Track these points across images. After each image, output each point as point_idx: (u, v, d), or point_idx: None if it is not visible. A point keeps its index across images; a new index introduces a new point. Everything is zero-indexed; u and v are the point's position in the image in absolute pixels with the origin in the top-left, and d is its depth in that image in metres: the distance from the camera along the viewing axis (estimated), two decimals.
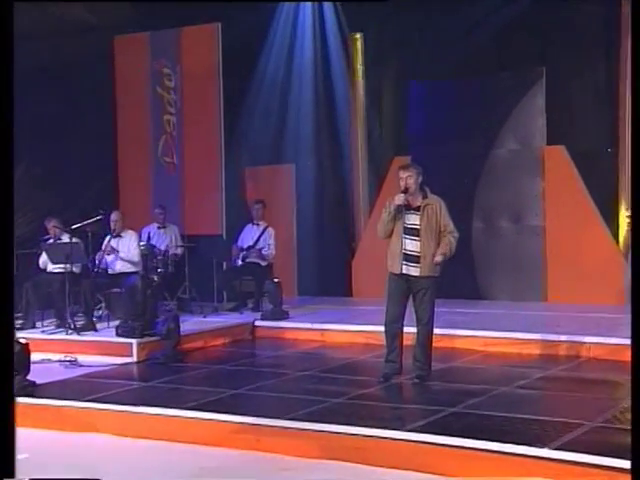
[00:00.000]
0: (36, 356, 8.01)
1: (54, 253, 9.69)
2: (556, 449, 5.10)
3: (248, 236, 11.34)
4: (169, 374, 7.99)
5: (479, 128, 11.57)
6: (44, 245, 9.94)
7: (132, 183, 12.96)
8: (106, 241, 10.13)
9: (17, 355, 6.69)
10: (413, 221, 7.10)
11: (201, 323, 10.17)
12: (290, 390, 7.22)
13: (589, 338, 8.34)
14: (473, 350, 8.67)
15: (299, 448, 5.82)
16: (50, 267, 9.96)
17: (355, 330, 9.58)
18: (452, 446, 5.37)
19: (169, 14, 12.21)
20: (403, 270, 7.09)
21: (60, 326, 9.57)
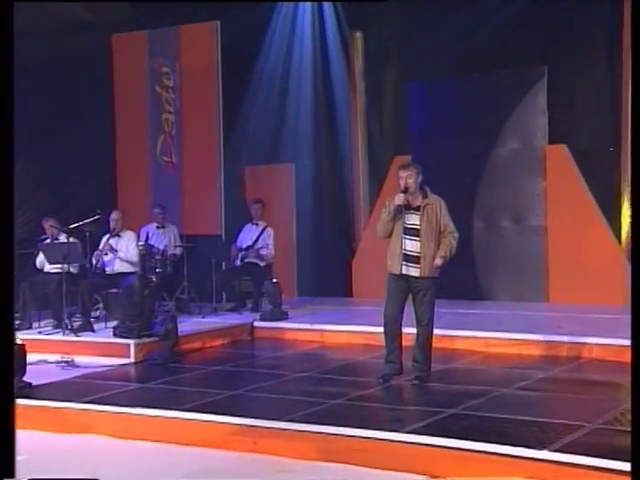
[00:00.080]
0: (33, 357, 8.02)
1: (51, 253, 9.66)
2: (556, 451, 5.08)
3: (247, 236, 11.31)
4: (167, 375, 7.95)
5: (480, 127, 11.50)
6: (41, 245, 9.92)
7: (130, 182, 12.94)
8: (105, 240, 10.11)
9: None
10: (413, 221, 7.05)
11: (199, 324, 10.13)
12: (289, 391, 7.18)
13: (590, 339, 8.30)
14: (473, 351, 8.63)
15: (297, 450, 5.78)
16: (47, 267, 9.94)
17: (355, 331, 9.55)
18: (451, 448, 5.33)
19: (168, 13, 12.20)
20: (403, 270, 7.04)
21: (57, 327, 9.52)
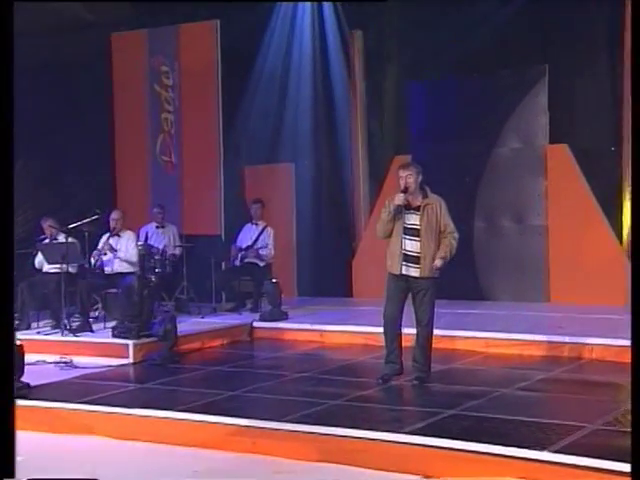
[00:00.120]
0: (31, 357, 8.00)
1: (50, 253, 9.63)
2: (556, 452, 5.05)
3: (247, 236, 11.27)
4: (166, 376, 7.92)
5: (481, 127, 11.46)
6: (40, 245, 9.88)
7: (130, 182, 12.89)
8: (104, 239, 10.07)
9: None
10: (413, 221, 7.01)
11: (199, 324, 10.10)
12: (288, 392, 7.14)
13: (591, 339, 8.26)
14: (474, 351, 8.60)
15: (295, 451, 5.75)
16: (46, 267, 9.90)
17: (354, 331, 9.52)
18: (450, 449, 5.30)
19: (168, 12, 12.17)
20: (403, 271, 7.00)
21: (56, 327, 9.48)
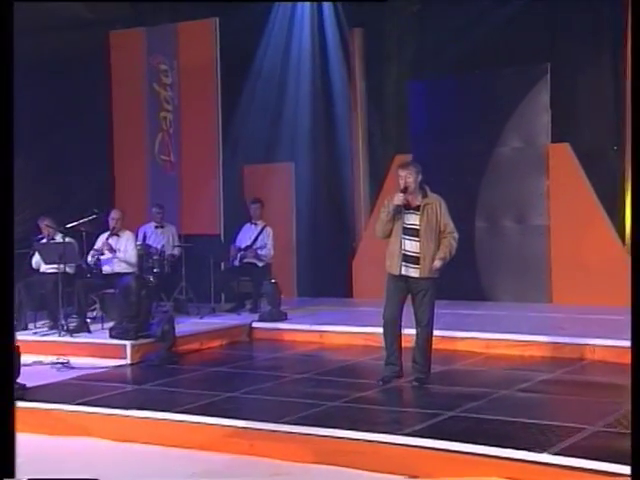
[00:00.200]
0: (28, 358, 7.99)
1: (47, 253, 9.58)
2: (556, 454, 5.00)
3: (246, 236, 11.23)
4: (163, 377, 7.87)
5: (482, 126, 11.40)
6: (37, 245, 9.83)
7: (128, 182, 12.84)
8: (104, 239, 10.00)
9: None
10: (413, 221, 6.96)
11: (197, 324, 10.05)
12: (286, 393, 7.09)
13: (593, 340, 8.19)
14: (474, 352, 8.54)
15: (293, 452, 5.71)
16: (43, 267, 9.84)
17: (354, 332, 9.47)
18: (449, 451, 5.26)
19: (167, 11, 12.12)
20: (402, 271, 6.96)
21: (53, 327, 9.44)
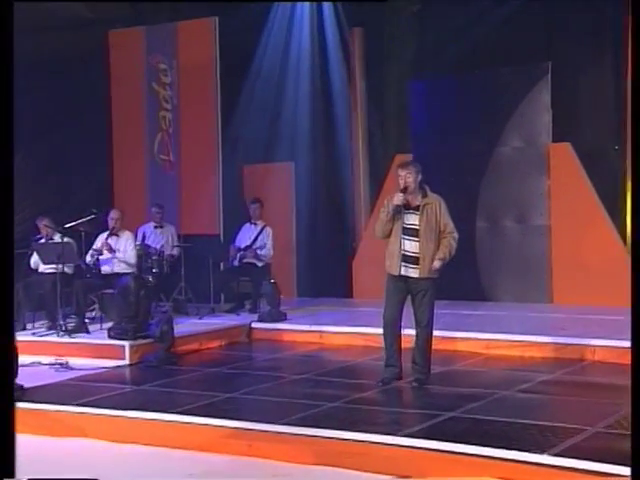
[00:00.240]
0: (26, 359, 7.97)
1: (45, 253, 9.55)
2: (555, 455, 4.97)
3: (245, 236, 11.19)
4: (162, 377, 7.84)
5: (483, 125, 11.35)
6: (35, 245, 9.78)
7: (127, 181, 12.80)
8: (103, 240, 9.97)
9: None
10: (412, 221, 6.93)
11: (197, 325, 10.01)
12: (285, 394, 7.06)
13: (594, 341, 8.15)
14: (475, 353, 8.50)
15: (292, 453, 5.69)
16: (42, 267, 9.81)
17: (354, 332, 9.43)
18: (449, 452, 5.23)
19: (166, 10, 12.09)
20: (402, 271, 6.93)
21: (51, 328, 9.39)
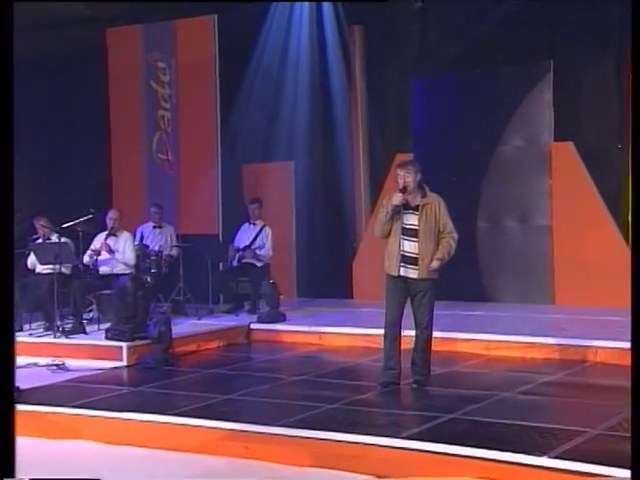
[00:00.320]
0: (23, 360, 7.92)
1: (42, 253, 9.51)
2: (555, 458, 4.92)
3: (244, 236, 11.13)
4: (160, 379, 7.81)
5: (484, 124, 11.26)
6: (32, 245, 9.75)
7: (126, 181, 12.76)
8: (102, 240, 9.91)
9: None
10: (411, 221, 6.88)
11: (195, 326, 9.96)
12: (284, 395, 7.02)
13: (596, 342, 8.09)
14: (475, 354, 8.45)
15: (289, 456, 5.64)
16: (39, 268, 9.77)
17: (354, 333, 9.38)
18: (448, 454, 5.18)
19: (165, 8, 12.04)
20: (401, 272, 6.88)
21: (48, 329, 9.35)
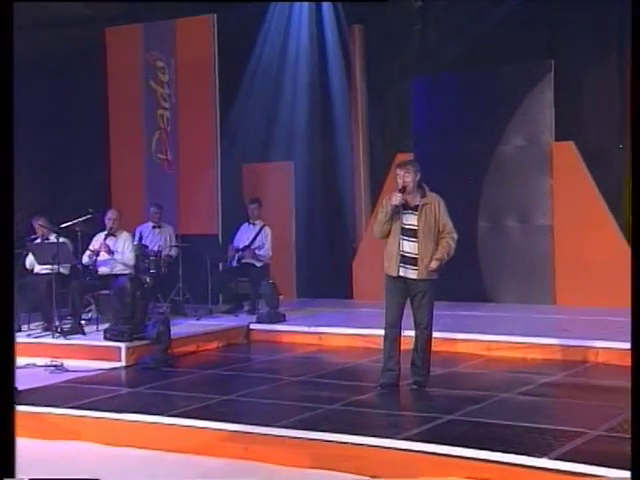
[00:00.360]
0: (21, 360, 7.87)
1: (41, 253, 9.47)
2: (556, 459, 4.89)
3: (244, 236, 11.11)
4: (158, 379, 7.78)
5: (485, 124, 11.24)
6: (30, 245, 9.72)
7: (125, 180, 12.73)
8: (101, 240, 9.88)
9: None
10: (411, 221, 6.85)
11: (194, 326, 9.93)
12: (283, 396, 7.00)
13: (597, 342, 8.06)
14: (475, 355, 8.43)
15: (289, 457, 5.61)
16: (37, 268, 9.74)
17: (354, 333, 9.36)
18: (447, 455, 5.16)
19: (164, 8, 12.02)
20: (400, 272, 6.84)
21: (47, 329, 9.32)
